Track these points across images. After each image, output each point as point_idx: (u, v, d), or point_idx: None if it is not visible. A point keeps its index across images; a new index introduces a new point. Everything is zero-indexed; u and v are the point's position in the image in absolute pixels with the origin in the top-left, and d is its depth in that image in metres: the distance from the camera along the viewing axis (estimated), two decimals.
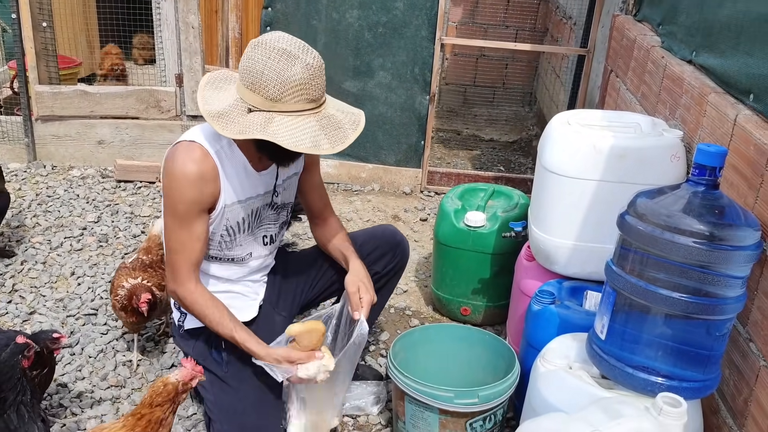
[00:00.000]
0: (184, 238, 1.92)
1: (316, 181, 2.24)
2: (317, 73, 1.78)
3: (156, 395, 1.72)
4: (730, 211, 1.54)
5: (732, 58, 1.96)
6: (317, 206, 2.27)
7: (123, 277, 2.41)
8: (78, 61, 5.33)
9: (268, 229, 2.13)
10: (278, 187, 2.09)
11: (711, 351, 1.60)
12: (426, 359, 2.27)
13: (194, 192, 1.87)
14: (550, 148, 2.13)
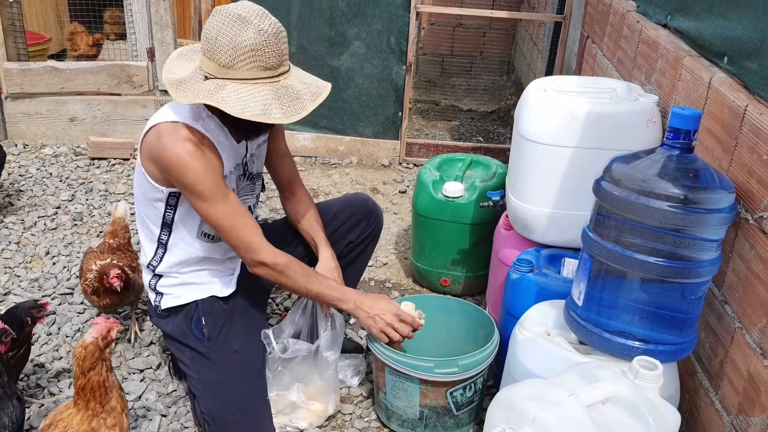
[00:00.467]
0: (229, 212, 1.87)
1: (281, 149, 2.21)
2: (272, 40, 1.72)
3: (83, 361, 1.66)
4: (705, 174, 1.54)
5: (706, 21, 1.94)
6: (284, 176, 2.25)
7: (91, 260, 2.37)
8: (47, 36, 5.21)
9: (246, 200, 2.11)
10: (252, 156, 2.07)
11: (687, 314, 1.61)
12: None
13: (207, 165, 1.83)
14: (526, 116, 2.11)
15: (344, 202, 2.38)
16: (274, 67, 1.76)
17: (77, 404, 1.69)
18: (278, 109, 1.74)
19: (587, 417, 1.30)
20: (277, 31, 1.74)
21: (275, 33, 1.73)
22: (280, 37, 1.74)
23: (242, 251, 1.93)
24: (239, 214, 1.89)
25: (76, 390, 1.70)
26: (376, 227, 2.37)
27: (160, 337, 2.52)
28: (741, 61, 1.70)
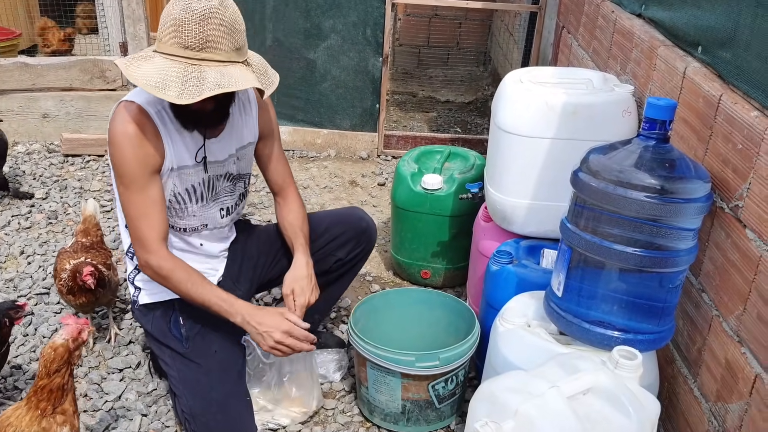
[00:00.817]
0: (140, 204, 1.85)
1: (272, 153, 2.16)
2: (195, 19, 1.64)
3: (50, 363, 1.63)
4: (681, 164, 1.55)
5: (680, 10, 1.95)
6: (275, 181, 2.19)
7: (65, 260, 2.34)
8: (17, 32, 5.12)
9: (224, 201, 2.07)
10: (232, 157, 2.01)
11: (665, 303, 1.62)
12: (388, 324, 2.27)
13: (138, 152, 1.81)
14: (503, 107, 2.11)
15: (338, 216, 2.31)
16: (195, 48, 1.67)
17: (29, 403, 1.66)
18: (176, 88, 1.65)
19: (568, 408, 1.31)
20: (206, 13, 1.65)
21: (203, 14, 1.65)
22: (209, 20, 1.65)
23: (135, 246, 1.91)
24: (149, 210, 1.85)
25: (33, 389, 1.66)
26: (367, 246, 2.30)
27: (139, 336, 2.49)
28: (715, 51, 1.71)
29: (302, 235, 2.11)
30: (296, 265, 2.05)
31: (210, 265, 2.14)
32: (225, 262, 2.18)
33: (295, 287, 2.00)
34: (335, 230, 2.23)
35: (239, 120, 2.02)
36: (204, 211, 2.03)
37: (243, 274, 2.20)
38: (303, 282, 2.01)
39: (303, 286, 2.01)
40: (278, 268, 2.22)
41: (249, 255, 2.22)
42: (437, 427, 2.12)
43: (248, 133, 2.06)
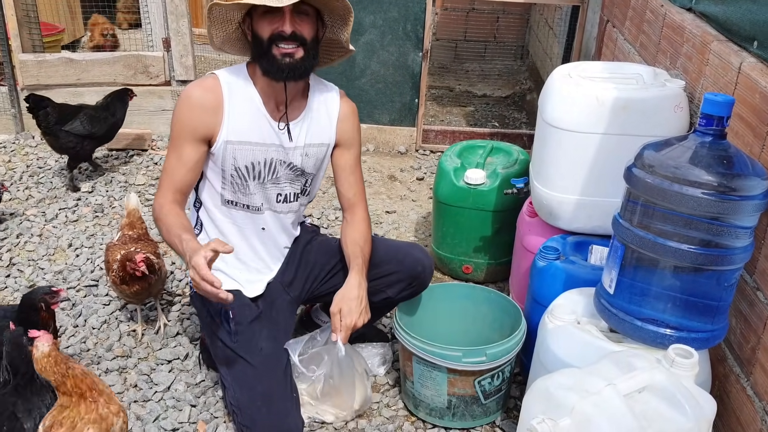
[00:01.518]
0: (173, 161, 1.95)
1: (346, 164, 2.14)
2: None
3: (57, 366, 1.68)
4: (738, 161, 1.53)
5: (734, 4, 1.92)
6: (345, 195, 2.17)
7: (116, 252, 2.39)
8: (60, 27, 5.22)
9: (284, 187, 2.08)
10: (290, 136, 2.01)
11: (719, 301, 1.60)
12: (432, 319, 2.28)
13: (189, 115, 1.91)
14: (551, 103, 2.10)
15: (396, 251, 2.21)
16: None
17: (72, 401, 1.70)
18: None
19: (625, 406, 1.30)
20: None
21: None
22: None
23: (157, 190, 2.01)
24: (176, 169, 1.95)
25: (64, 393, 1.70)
26: (419, 289, 2.21)
27: (187, 327, 2.53)
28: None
29: (362, 255, 2.07)
30: (349, 284, 2.01)
31: (264, 264, 2.16)
32: (280, 264, 2.19)
33: (343, 307, 1.97)
34: (389, 267, 2.16)
35: (317, 117, 2.05)
36: (262, 190, 2.06)
37: (296, 279, 2.20)
38: (352, 303, 1.97)
39: (352, 308, 1.97)
40: (331, 283, 2.19)
41: (306, 261, 2.22)
42: (482, 422, 2.13)
43: (324, 135, 2.07)
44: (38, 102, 3.42)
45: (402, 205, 3.58)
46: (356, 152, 2.16)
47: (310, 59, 1.89)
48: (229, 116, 1.94)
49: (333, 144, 2.11)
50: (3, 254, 2.96)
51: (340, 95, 2.11)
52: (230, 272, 2.10)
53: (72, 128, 3.43)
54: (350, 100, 2.14)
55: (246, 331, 2.03)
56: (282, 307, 2.13)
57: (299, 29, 1.84)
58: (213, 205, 2.08)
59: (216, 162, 1.99)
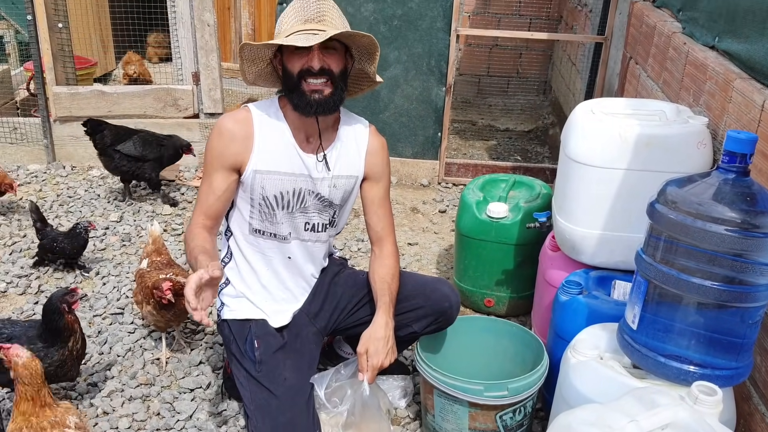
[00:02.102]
0: (205, 188, 2.04)
1: (375, 198, 2.17)
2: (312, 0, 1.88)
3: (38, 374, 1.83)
4: (762, 198, 1.53)
5: (757, 43, 1.94)
6: (374, 228, 2.19)
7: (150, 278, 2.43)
8: (93, 61, 5.36)
9: (311, 217, 2.11)
10: (327, 179, 2.05)
11: (743, 338, 1.59)
12: (453, 352, 2.28)
13: (220, 145, 1.99)
14: (574, 138, 2.12)
15: (423, 286, 2.21)
16: (313, 20, 1.89)
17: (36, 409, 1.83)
18: (301, 41, 1.84)
19: None
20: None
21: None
22: (323, 1, 1.89)
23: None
24: (205, 197, 2.04)
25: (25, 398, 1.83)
26: (445, 324, 2.21)
27: (210, 356, 2.56)
28: None
29: (389, 293, 2.07)
30: (376, 324, 2.01)
31: (291, 294, 2.18)
32: (307, 295, 2.21)
33: (370, 347, 1.97)
34: (416, 301, 2.16)
35: (347, 149, 2.09)
36: (290, 219, 2.09)
37: (323, 311, 2.21)
38: (379, 344, 1.97)
39: (378, 348, 1.96)
40: (356, 316, 2.21)
41: (333, 293, 2.23)
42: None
43: (353, 167, 2.11)
44: (96, 126, 3.68)
45: (424, 238, 3.60)
46: (385, 186, 2.19)
47: (338, 93, 1.94)
48: (259, 147, 1.99)
49: (362, 177, 2.14)
50: (32, 282, 3.01)
51: (370, 129, 2.15)
52: (256, 301, 2.13)
53: (123, 148, 3.63)
54: (380, 135, 2.18)
55: (270, 360, 2.04)
56: (307, 338, 2.15)
57: (327, 64, 1.89)
58: (241, 233, 2.12)
59: (246, 191, 2.04)
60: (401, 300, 2.14)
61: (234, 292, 2.14)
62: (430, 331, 2.20)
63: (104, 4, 5.69)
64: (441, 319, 2.17)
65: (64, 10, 4.14)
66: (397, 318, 2.09)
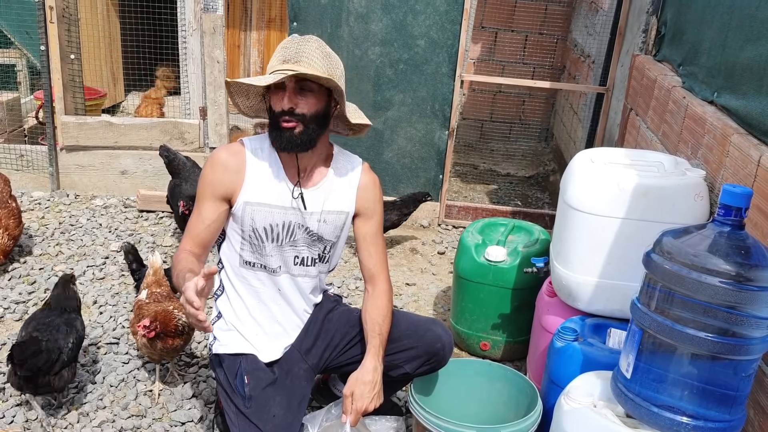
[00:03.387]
0: (195, 217, 2.08)
1: (367, 234, 2.18)
2: (297, 40, 1.94)
3: None
4: (756, 252, 1.55)
5: (755, 99, 1.98)
6: (366, 265, 2.19)
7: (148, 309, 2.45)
8: (103, 92, 5.44)
9: (301, 250, 2.12)
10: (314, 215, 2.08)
11: (737, 391, 1.59)
12: (447, 394, 2.27)
13: (212, 175, 2.04)
14: (573, 186, 2.15)
15: (415, 326, 2.19)
16: (291, 60, 1.92)
17: None
18: (265, 80, 1.91)
19: None
20: (306, 38, 1.96)
21: (303, 38, 1.95)
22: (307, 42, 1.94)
23: None
24: (195, 224, 2.07)
25: None
26: (437, 366, 2.20)
27: (203, 390, 2.55)
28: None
29: (379, 335, 2.07)
30: (363, 368, 2.00)
31: (282, 328, 2.17)
32: (299, 331, 2.20)
33: (355, 390, 1.97)
34: (408, 342, 2.15)
35: (336, 185, 2.11)
36: (279, 252, 2.10)
37: (315, 348, 2.20)
38: (365, 388, 1.97)
39: (364, 392, 1.96)
40: (349, 354, 2.20)
41: (326, 330, 2.22)
42: None
43: (342, 203, 2.12)
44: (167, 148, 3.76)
45: (422, 278, 3.61)
46: (377, 223, 2.20)
47: (309, 133, 1.96)
48: (250, 179, 2.03)
49: (353, 212, 2.15)
50: (29, 308, 3.02)
51: (362, 166, 2.18)
52: (247, 335, 2.12)
53: None
54: (372, 172, 2.20)
55: (260, 397, 2.03)
56: (298, 375, 2.14)
57: (300, 105, 1.93)
58: (231, 266, 2.13)
59: (236, 222, 2.07)
60: (393, 340, 2.13)
61: (225, 326, 2.14)
62: (422, 372, 2.19)
63: (116, 37, 5.78)
64: (433, 360, 2.16)
65: (77, 41, 4.22)
66: (388, 358, 2.09)
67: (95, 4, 5.39)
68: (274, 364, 2.14)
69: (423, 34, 3.94)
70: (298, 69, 1.89)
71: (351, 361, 2.07)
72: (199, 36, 4.04)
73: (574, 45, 5.51)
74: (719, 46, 2.35)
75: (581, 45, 5.18)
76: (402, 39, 3.95)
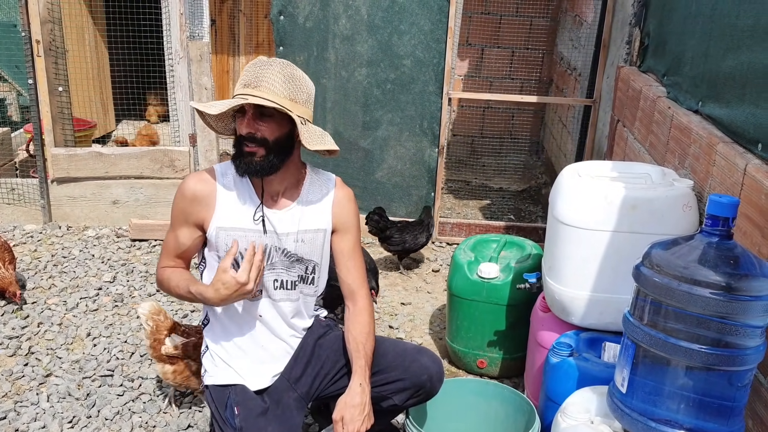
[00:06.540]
0: (171, 239, 2.08)
1: (344, 249, 2.15)
2: (259, 64, 1.92)
3: None
4: (745, 261, 1.54)
5: (738, 108, 1.99)
6: (345, 281, 2.15)
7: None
8: (93, 122, 5.44)
9: (279, 273, 2.09)
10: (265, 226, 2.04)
11: (733, 402, 1.58)
12: (444, 415, 2.26)
13: (183, 204, 2.04)
14: (561, 201, 2.15)
15: (402, 357, 2.13)
16: (251, 85, 1.90)
17: None
18: (214, 109, 1.90)
19: None
20: (269, 61, 1.94)
21: (266, 61, 1.94)
22: (270, 66, 1.91)
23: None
24: (173, 245, 2.08)
25: None
26: (426, 397, 2.15)
27: (198, 420, 2.52)
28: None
29: (364, 355, 2.03)
30: (351, 390, 1.98)
31: (267, 353, 2.13)
32: (289, 357, 2.16)
33: (345, 414, 1.95)
34: (394, 373, 2.10)
35: (311, 204, 2.09)
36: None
37: (305, 376, 2.15)
38: (355, 411, 1.95)
39: (354, 416, 1.94)
40: (339, 384, 2.14)
41: (317, 357, 2.18)
42: None
43: (318, 220, 2.10)
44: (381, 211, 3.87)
45: (417, 297, 3.59)
46: (353, 237, 2.17)
47: (270, 159, 1.95)
48: (222, 204, 2.01)
49: (330, 229, 2.13)
50: (23, 343, 3.00)
51: (335, 182, 2.16)
52: (233, 363, 2.09)
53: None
54: (346, 187, 2.17)
55: (251, 428, 1.98)
56: (288, 405, 2.10)
57: (259, 130, 1.91)
58: None
59: (212, 248, 2.05)
60: (380, 371, 2.09)
61: (212, 357, 2.11)
62: (412, 404, 2.14)
63: (105, 68, 5.80)
64: (421, 392, 2.11)
65: (64, 74, 4.23)
66: (376, 389, 2.06)
67: (83, 36, 5.40)
68: (263, 392, 2.11)
69: (409, 54, 3.96)
70: (257, 94, 1.87)
71: (342, 392, 2.04)
72: (186, 63, 4.06)
73: (560, 58, 5.54)
74: (702, 55, 2.36)
75: (567, 58, 5.21)
76: (388, 59, 3.97)
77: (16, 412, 2.55)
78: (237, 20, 6.07)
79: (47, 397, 2.64)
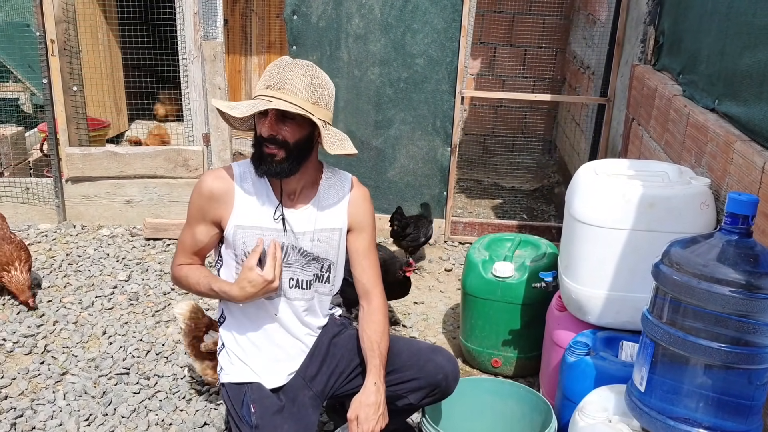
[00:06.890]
0: (188, 236, 2.10)
1: (359, 248, 2.15)
2: (282, 65, 1.92)
3: None
4: (765, 259, 1.53)
5: (756, 106, 1.98)
6: (359, 280, 2.15)
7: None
8: (106, 122, 5.47)
9: (295, 272, 2.10)
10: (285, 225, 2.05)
11: (752, 401, 1.58)
12: (459, 414, 2.26)
13: (200, 202, 2.05)
14: (578, 199, 2.15)
15: (417, 356, 2.12)
16: (274, 87, 1.90)
17: None
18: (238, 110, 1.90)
19: None
20: (293, 62, 1.94)
21: (290, 63, 1.94)
22: (293, 67, 1.92)
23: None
24: (189, 242, 2.10)
25: None
26: (441, 396, 2.14)
27: (214, 418, 2.53)
28: None
29: (378, 354, 2.03)
30: (366, 389, 1.97)
31: (283, 351, 2.14)
32: (305, 356, 2.17)
33: (360, 413, 1.94)
34: (409, 373, 2.09)
35: (328, 203, 2.10)
36: None
37: (320, 374, 2.16)
38: (370, 410, 1.94)
39: (369, 415, 1.93)
40: (355, 383, 2.13)
41: (332, 355, 2.17)
42: None
43: (335, 219, 2.11)
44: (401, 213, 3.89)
45: (430, 296, 3.59)
46: (369, 237, 2.17)
47: (290, 160, 1.95)
48: (240, 202, 2.03)
49: (345, 228, 2.13)
50: (38, 341, 3.02)
51: (351, 181, 2.16)
52: (249, 361, 2.10)
53: None
54: (362, 186, 2.18)
55: (267, 425, 1.99)
56: (304, 403, 2.10)
57: (280, 133, 1.92)
58: None
59: (229, 246, 2.06)
60: (395, 371, 2.08)
61: (228, 355, 2.12)
62: (427, 403, 2.13)
63: (119, 67, 5.83)
64: (436, 391, 2.09)
65: (79, 74, 4.26)
66: (391, 389, 2.05)
67: (96, 36, 5.43)
68: (279, 390, 2.12)
69: (422, 53, 3.96)
70: (280, 96, 1.88)
71: (357, 391, 2.04)
72: (200, 63, 4.07)
73: (573, 57, 5.52)
74: (718, 53, 2.35)
75: (580, 57, 5.19)
76: (401, 58, 3.97)
77: (32, 410, 2.57)
78: (249, 20, 6.09)
79: (63, 395, 2.66)
